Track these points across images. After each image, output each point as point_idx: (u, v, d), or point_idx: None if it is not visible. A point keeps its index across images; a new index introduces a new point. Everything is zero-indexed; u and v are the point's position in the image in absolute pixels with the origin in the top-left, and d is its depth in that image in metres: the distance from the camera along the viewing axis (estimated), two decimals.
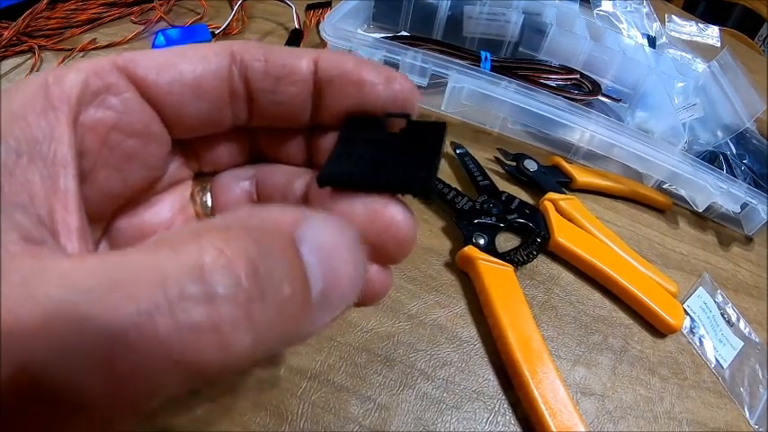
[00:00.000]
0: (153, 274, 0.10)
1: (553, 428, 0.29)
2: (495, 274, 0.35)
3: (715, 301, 0.43)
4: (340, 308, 0.13)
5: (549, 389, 0.30)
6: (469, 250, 0.35)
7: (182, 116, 0.16)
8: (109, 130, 0.15)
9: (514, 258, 0.37)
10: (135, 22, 0.53)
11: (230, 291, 0.10)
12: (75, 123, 0.14)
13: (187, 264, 0.10)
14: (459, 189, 0.40)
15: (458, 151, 0.44)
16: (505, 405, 0.31)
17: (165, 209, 0.19)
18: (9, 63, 0.45)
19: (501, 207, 0.40)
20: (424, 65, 0.45)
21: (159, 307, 0.10)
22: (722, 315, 0.43)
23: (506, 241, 0.40)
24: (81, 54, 0.48)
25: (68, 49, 0.47)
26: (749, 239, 0.50)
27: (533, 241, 0.39)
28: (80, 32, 0.50)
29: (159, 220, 0.18)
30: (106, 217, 0.17)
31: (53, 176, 0.13)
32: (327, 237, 0.12)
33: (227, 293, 0.10)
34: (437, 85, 0.47)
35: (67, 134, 0.13)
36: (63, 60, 0.46)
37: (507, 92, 0.44)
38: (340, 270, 0.12)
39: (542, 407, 0.30)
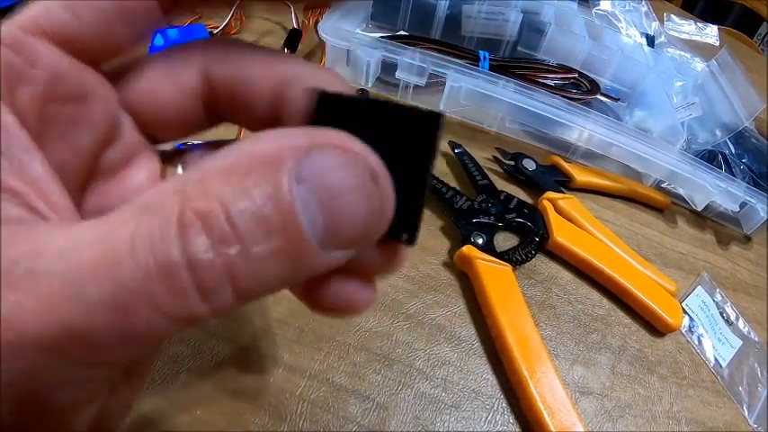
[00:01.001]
0: (138, 245, 0.10)
1: (552, 428, 0.29)
2: (493, 274, 0.35)
3: (714, 300, 0.43)
4: (355, 246, 0.12)
5: (548, 388, 0.30)
6: (468, 250, 0.35)
7: (112, 49, 0.15)
8: (42, 104, 0.14)
9: (513, 258, 0.37)
10: None
11: (209, 254, 0.10)
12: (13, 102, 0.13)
13: (166, 229, 0.10)
14: (458, 188, 0.40)
15: (456, 150, 0.44)
16: (504, 404, 0.31)
17: (136, 182, 0.17)
18: None
19: (499, 206, 0.40)
20: (422, 64, 0.45)
21: (151, 269, 0.10)
22: (721, 314, 0.43)
23: (505, 241, 0.40)
24: None
25: None
26: (748, 238, 0.50)
27: (532, 240, 0.39)
28: None
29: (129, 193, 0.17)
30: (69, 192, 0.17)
31: (19, 167, 0.12)
32: (332, 174, 0.11)
33: (207, 257, 0.10)
34: (436, 84, 0.47)
35: (11, 116, 0.13)
36: None
37: (506, 91, 0.44)
38: (348, 210, 0.11)
39: (541, 406, 0.30)
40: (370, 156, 0.11)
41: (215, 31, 0.51)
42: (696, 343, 0.40)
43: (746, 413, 0.37)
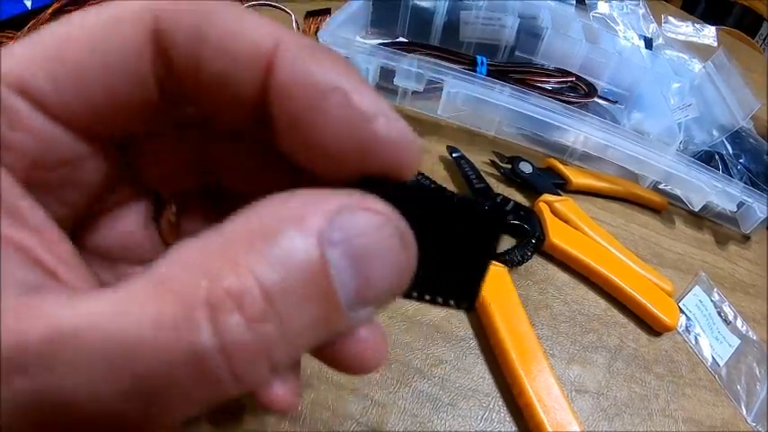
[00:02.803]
0: (160, 330, 0.09)
1: (547, 426, 0.29)
2: (489, 275, 0.35)
3: (711, 300, 0.44)
4: (381, 304, 0.11)
5: (544, 387, 0.31)
6: None
7: (98, 124, 0.13)
8: (26, 171, 0.12)
9: (509, 259, 0.38)
10: None
11: (245, 335, 0.09)
12: None
13: (193, 312, 0.09)
14: (455, 192, 0.41)
15: (454, 155, 0.45)
16: (500, 402, 0.32)
17: (128, 224, 0.16)
18: None
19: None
20: (420, 71, 0.46)
21: (177, 356, 0.09)
22: (719, 313, 0.43)
23: (502, 243, 0.41)
24: None
25: None
26: (747, 238, 0.51)
27: (528, 242, 0.39)
28: None
29: (122, 237, 0.16)
30: None
31: (18, 215, 0.11)
32: (363, 238, 0.11)
33: (242, 339, 0.09)
34: (434, 89, 0.47)
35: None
36: None
37: (502, 96, 0.45)
38: (379, 272, 0.11)
39: (536, 404, 0.30)
40: (397, 217, 0.11)
41: None
42: (693, 342, 0.40)
43: (744, 412, 0.37)
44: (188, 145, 0.16)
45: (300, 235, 0.10)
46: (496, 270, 0.36)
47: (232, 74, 0.12)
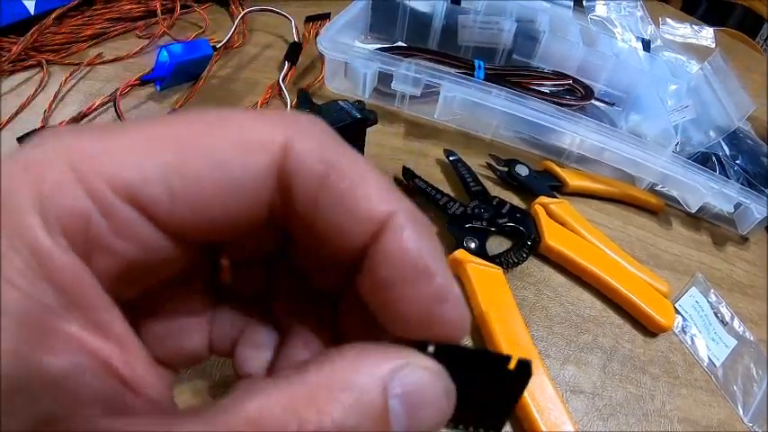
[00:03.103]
0: None
1: (541, 426, 0.30)
2: (484, 277, 0.36)
3: (708, 301, 0.44)
4: None
5: (538, 387, 0.31)
6: (459, 254, 0.37)
7: (201, 235, 0.13)
8: (116, 275, 0.12)
9: (505, 261, 0.38)
10: (140, 37, 0.55)
11: None
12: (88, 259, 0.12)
13: None
14: (452, 195, 0.42)
15: (451, 158, 0.45)
16: None
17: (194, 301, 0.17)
18: (18, 77, 0.47)
19: (492, 211, 0.41)
20: (417, 75, 0.46)
21: None
22: (715, 314, 0.43)
23: (499, 245, 0.41)
24: (87, 69, 0.49)
25: (76, 64, 0.49)
26: (745, 239, 0.51)
27: (524, 244, 0.40)
28: (86, 47, 0.52)
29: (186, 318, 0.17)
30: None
31: (100, 327, 0.12)
32: (417, 392, 0.12)
33: None
34: (431, 94, 0.48)
35: (86, 273, 0.12)
36: (71, 75, 0.48)
37: (498, 100, 0.45)
38: (426, 418, 0.13)
39: (531, 404, 0.30)
40: (445, 374, 0.13)
41: (218, 45, 0.53)
42: (689, 343, 0.40)
43: (741, 412, 0.37)
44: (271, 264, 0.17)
45: (371, 388, 0.12)
46: (492, 272, 0.36)
47: (340, 228, 0.13)
